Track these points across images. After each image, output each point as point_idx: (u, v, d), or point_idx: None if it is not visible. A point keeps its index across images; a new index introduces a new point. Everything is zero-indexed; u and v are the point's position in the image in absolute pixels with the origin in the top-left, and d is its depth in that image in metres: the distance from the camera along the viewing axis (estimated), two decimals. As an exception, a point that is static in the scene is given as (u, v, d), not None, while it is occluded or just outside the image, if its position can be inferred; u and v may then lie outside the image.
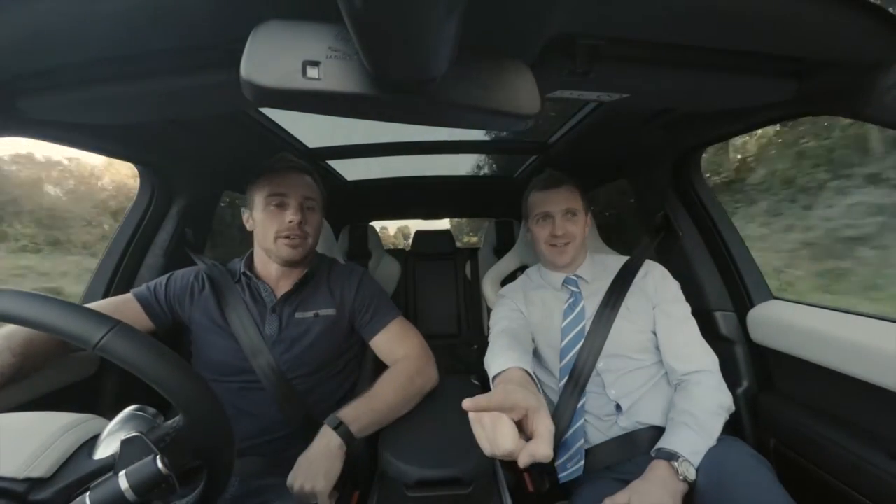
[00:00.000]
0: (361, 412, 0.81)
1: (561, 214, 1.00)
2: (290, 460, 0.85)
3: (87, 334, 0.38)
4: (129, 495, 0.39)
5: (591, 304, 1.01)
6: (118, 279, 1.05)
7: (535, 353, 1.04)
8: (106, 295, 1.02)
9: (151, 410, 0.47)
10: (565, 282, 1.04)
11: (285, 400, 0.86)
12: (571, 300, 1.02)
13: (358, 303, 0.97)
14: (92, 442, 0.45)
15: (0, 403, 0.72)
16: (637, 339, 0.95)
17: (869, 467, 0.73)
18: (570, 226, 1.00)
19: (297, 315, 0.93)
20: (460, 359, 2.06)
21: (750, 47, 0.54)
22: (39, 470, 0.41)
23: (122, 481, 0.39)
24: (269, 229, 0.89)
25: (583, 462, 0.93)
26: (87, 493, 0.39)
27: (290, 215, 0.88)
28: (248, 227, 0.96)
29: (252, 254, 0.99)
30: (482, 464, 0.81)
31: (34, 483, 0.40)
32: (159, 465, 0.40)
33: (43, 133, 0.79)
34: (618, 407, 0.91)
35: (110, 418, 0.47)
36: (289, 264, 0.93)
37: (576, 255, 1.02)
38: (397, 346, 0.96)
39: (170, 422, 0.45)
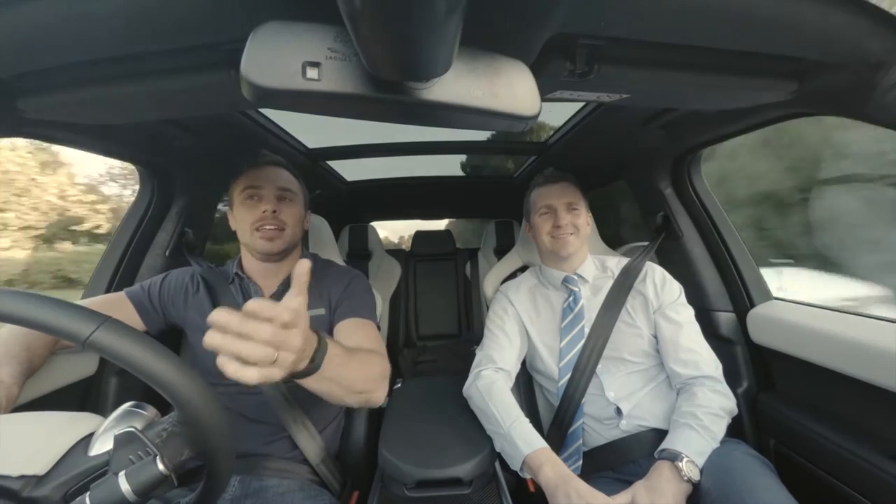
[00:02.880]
0: (336, 370, 0.60)
1: (563, 206, 1.01)
2: (289, 462, 0.85)
3: (77, 330, 0.38)
4: (130, 496, 0.39)
5: (590, 304, 1.01)
6: (118, 279, 1.05)
7: (534, 352, 1.04)
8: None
9: (149, 407, 0.47)
10: (564, 280, 1.04)
11: (281, 404, 0.85)
12: (570, 299, 1.02)
13: (343, 295, 0.93)
14: (88, 439, 0.45)
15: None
16: (636, 342, 0.95)
17: (869, 467, 0.73)
18: (573, 217, 1.01)
19: None
20: (460, 359, 2.06)
21: (750, 47, 0.54)
22: (34, 467, 0.41)
23: (122, 482, 0.39)
24: (246, 222, 0.88)
25: (580, 462, 0.93)
26: (87, 494, 0.39)
27: (264, 205, 0.87)
28: (232, 226, 0.95)
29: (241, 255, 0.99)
30: (482, 464, 0.81)
31: (29, 480, 0.40)
32: (159, 465, 0.40)
33: (43, 133, 0.79)
34: (618, 410, 0.91)
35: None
36: (269, 258, 0.92)
37: (578, 249, 1.03)
38: (366, 340, 0.84)
39: (165, 417, 0.45)
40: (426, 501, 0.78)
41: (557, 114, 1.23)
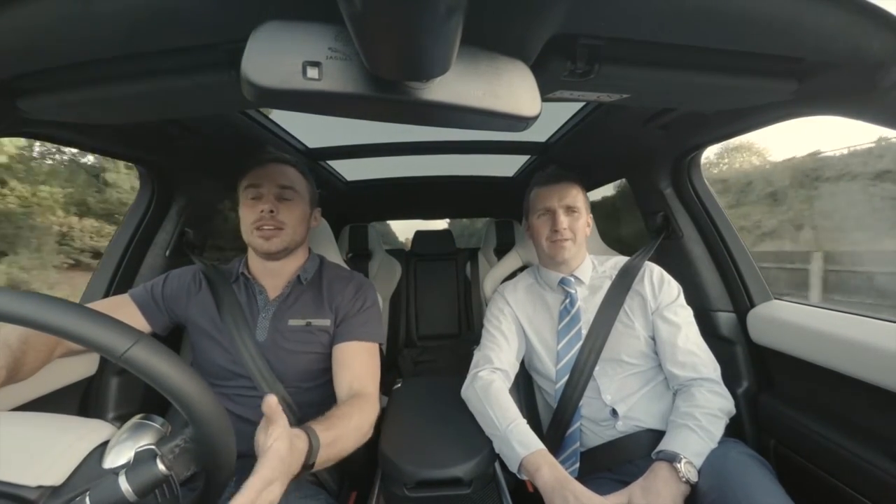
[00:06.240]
0: (329, 453, 0.65)
1: (563, 210, 0.99)
2: None
3: (114, 345, 0.39)
4: (130, 496, 0.39)
5: (587, 306, 1.00)
6: (118, 279, 1.05)
7: (532, 353, 1.04)
8: (106, 295, 1.02)
9: (159, 419, 0.47)
10: (561, 282, 1.03)
11: (280, 406, 0.85)
12: (567, 301, 1.02)
13: (351, 308, 0.93)
14: (101, 449, 0.45)
15: (0, 404, 0.72)
16: (633, 343, 0.94)
17: (869, 467, 0.73)
18: (571, 222, 0.99)
19: (291, 322, 0.90)
20: (460, 359, 2.06)
21: (750, 47, 0.54)
22: (51, 477, 0.41)
23: (122, 482, 0.39)
24: (247, 222, 0.89)
25: (578, 465, 0.93)
26: (87, 494, 0.39)
27: (262, 205, 0.87)
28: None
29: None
30: (482, 464, 0.81)
31: (45, 490, 0.40)
32: (160, 465, 0.40)
33: (43, 133, 0.79)
34: (614, 412, 0.91)
35: (110, 419, 0.48)
36: (268, 257, 0.91)
37: (576, 253, 1.02)
38: (362, 373, 0.86)
39: (178, 432, 0.46)
40: (426, 501, 0.78)
41: (557, 113, 1.23)
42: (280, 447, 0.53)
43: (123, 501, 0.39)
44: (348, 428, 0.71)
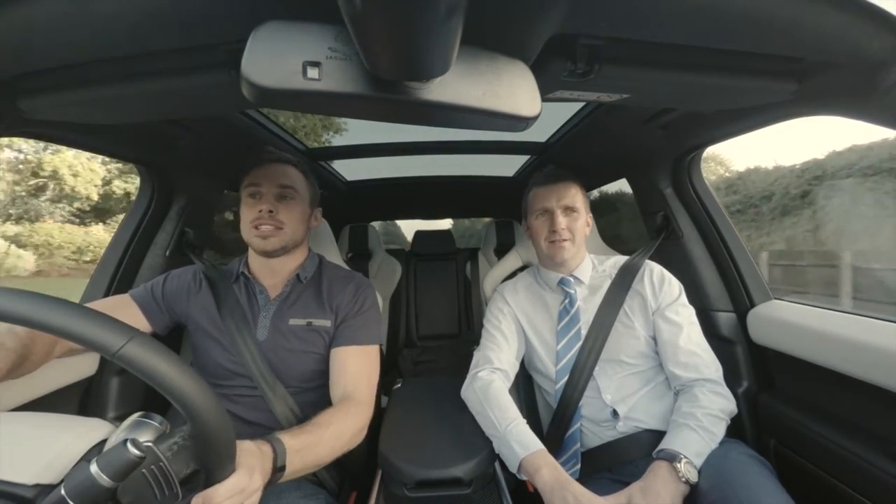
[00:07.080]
0: (303, 459, 0.65)
1: (561, 210, 0.98)
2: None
3: (108, 343, 0.39)
4: (102, 479, 0.39)
5: (587, 306, 1.00)
6: (118, 279, 1.05)
7: (532, 353, 1.04)
8: (106, 295, 1.02)
9: (158, 418, 0.47)
10: (560, 282, 1.03)
11: (280, 406, 0.84)
12: (566, 301, 1.01)
13: (350, 310, 0.93)
14: (99, 447, 0.45)
15: (0, 403, 0.72)
16: (633, 344, 0.94)
17: (869, 467, 0.73)
18: (570, 222, 0.99)
19: (291, 322, 0.90)
20: (461, 359, 2.06)
21: (750, 47, 0.54)
22: (49, 476, 0.41)
23: (93, 466, 0.39)
24: (246, 221, 0.89)
25: (579, 465, 0.93)
26: (62, 485, 0.39)
27: (262, 204, 0.87)
28: None
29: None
30: (482, 464, 0.81)
31: (44, 489, 0.40)
32: (130, 448, 0.40)
33: (43, 133, 0.79)
34: (614, 413, 0.90)
35: (110, 419, 0.48)
36: (267, 255, 0.92)
37: (575, 254, 1.02)
38: (356, 378, 0.86)
39: (176, 430, 0.46)
40: (426, 501, 0.78)
41: (557, 113, 1.23)
42: (244, 444, 0.56)
43: (98, 486, 0.38)
44: (324, 436, 0.71)
